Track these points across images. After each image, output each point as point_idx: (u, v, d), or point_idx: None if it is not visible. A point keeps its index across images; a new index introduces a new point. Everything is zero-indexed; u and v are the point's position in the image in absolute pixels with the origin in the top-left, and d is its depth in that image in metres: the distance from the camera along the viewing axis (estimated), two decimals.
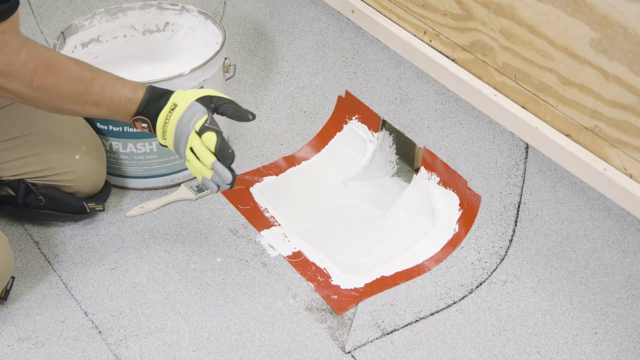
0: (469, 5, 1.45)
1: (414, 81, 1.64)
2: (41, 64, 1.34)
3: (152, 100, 1.41)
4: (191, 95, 1.41)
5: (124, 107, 1.41)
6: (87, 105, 1.40)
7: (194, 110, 1.39)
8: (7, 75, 1.31)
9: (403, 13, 1.60)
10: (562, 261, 1.43)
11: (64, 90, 1.37)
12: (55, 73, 1.36)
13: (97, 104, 1.40)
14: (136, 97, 1.41)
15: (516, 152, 1.47)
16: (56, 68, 1.36)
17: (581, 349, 1.37)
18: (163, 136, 1.42)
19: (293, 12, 1.94)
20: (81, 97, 1.38)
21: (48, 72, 1.35)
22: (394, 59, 1.67)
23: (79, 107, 1.40)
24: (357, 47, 1.77)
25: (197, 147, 1.38)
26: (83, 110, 1.41)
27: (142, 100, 1.41)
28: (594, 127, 1.31)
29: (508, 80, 1.43)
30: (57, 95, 1.37)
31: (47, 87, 1.35)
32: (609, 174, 1.29)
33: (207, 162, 1.37)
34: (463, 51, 1.50)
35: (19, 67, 1.31)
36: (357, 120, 1.79)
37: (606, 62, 1.25)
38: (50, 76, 1.35)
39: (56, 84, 1.36)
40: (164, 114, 1.40)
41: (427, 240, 1.58)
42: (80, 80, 1.38)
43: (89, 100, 1.39)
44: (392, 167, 1.78)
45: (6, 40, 1.29)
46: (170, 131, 1.40)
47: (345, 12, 1.72)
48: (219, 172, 1.36)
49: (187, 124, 1.38)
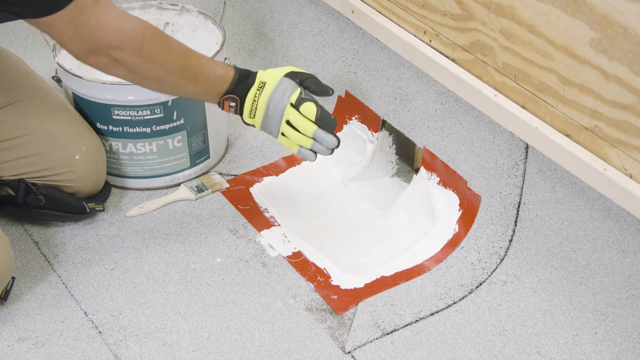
0: (469, 5, 1.45)
1: (414, 81, 1.64)
2: (147, 30, 1.33)
3: (242, 79, 1.44)
4: (278, 72, 1.46)
5: (217, 85, 1.43)
6: (186, 80, 1.39)
7: (285, 85, 1.44)
8: (119, 45, 1.29)
9: (403, 13, 1.60)
10: (562, 261, 1.43)
11: (170, 60, 1.36)
12: (161, 41, 1.35)
13: (194, 80, 1.40)
14: (228, 75, 1.44)
15: (516, 152, 1.47)
16: (161, 36, 1.35)
17: (581, 349, 1.37)
18: (250, 114, 1.45)
19: (293, 12, 1.94)
20: (183, 70, 1.38)
21: (155, 39, 1.34)
22: (394, 59, 1.67)
23: (180, 80, 1.39)
24: (357, 47, 1.77)
25: (296, 118, 1.43)
26: (181, 85, 1.40)
27: (233, 78, 1.44)
28: (594, 127, 1.31)
29: (508, 80, 1.43)
30: (164, 65, 1.36)
31: (156, 55, 1.34)
32: (609, 174, 1.29)
33: (309, 131, 1.43)
34: (463, 51, 1.50)
35: (128, 33, 1.29)
36: (357, 120, 1.79)
37: (606, 62, 1.25)
38: (157, 44, 1.34)
39: (162, 53, 1.35)
40: (253, 92, 1.44)
41: (427, 240, 1.58)
42: (181, 52, 1.38)
43: (188, 75, 1.39)
44: (392, 167, 1.78)
45: (104, 8, 1.27)
46: (260, 108, 1.44)
47: (345, 12, 1.72)
48: (324, 138, 1.44)
49: (282, 99, 1.43)
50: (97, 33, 1.27)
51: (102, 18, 1.27)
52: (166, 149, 1.68)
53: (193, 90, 1.43)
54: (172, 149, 1.68)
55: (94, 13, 1.26)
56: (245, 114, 1.46)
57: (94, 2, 1.26)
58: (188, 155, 1.71)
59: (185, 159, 1.71)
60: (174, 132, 1.67)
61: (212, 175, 1.75)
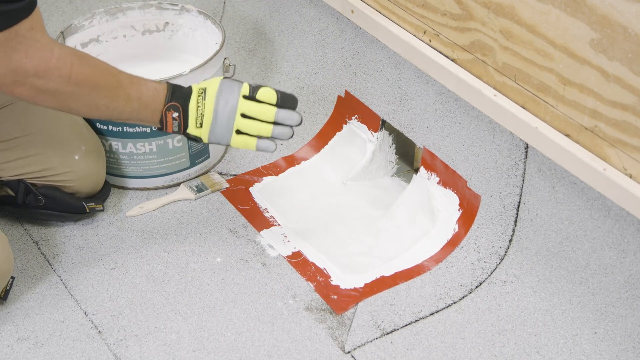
0: (469, 5, 1.45)
1: (414, 81, 1.64)
2: (75, 57, 1.31)
3: (177, 89, 1.41)
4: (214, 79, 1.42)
5: (153, 100, 1.39)
6: (120, 100, 1.36)
7: (228, 83, 1.41)
8: (46, 73, 1.27)
9: (403, 13, 1.60)
10: (562, 261, 1.43)
11: (100, 82, 1.33)
12: (89, 65, 1.33)
13: (128, 98, 1.37)
14: (161, 87, 1.40)
15: (516, 152, 1.47)
16: (89, 60, 1.34)
17: (581, 349, 1.37)
18: (197, 123, 1.40)
19: (293, 12, 1.94)
20: (114, 90, 1.36)
21: (83, 64, 1.32)
22: (394, 59, 1.67)
23: (114, 102, 1.36)
24: (357, 47, 1.77)
25: (254, 107, 1.40)
26: (117, 106, 1.37)
27: (168, 89, 1.40)
28: (594, 127, 1.31)
29: (508, 80, 1.43)
30: (94, 89, 1.33)
31: (85, 80, 1.31)
32: (609, 174, 1.29)
33: (270, 115, 1.40)
34: (463, 51, 1.50)
35: (55, 62, 1.27)
36: (357, 120, 1.79)
37: (606, 62, 1.25)
38: (86, 68, 1.32)
39: (91, 76, 1.32)
40: (194, 99, 1.40)
41: (427, 240, 1.58)
42: (111, 73, 1.36)
43: (121, 95, 1.36)
44: (391, 167, 1.78)
45: (36, 37, 1.26)
46: (208, 112, 1.40)
47: (345, 12, 1.72)
48: (287, 117, 1.40)
49: (231, 94, 1.40)
50: (24, 61, 1.25)
51: (32, 46, 1.25)
52: (166, 148, 1.68)
53: (130, 110, 1.38)
54: (171, 148, 1.68)
55: (26, 40, 1.24)
56: (191, 124, 1.41)
57: (29, 28, 1.25)
58: (188, 155, 1.71)
59: (185, 159, 1.71)
60: None
61: (211, 175, 1.75)
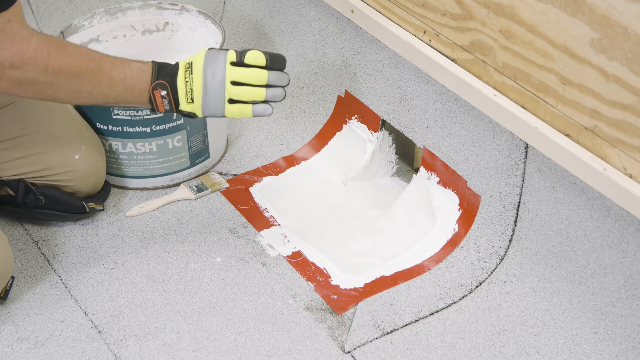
0: (469, 5, 1.45)
1: (414, 81, 1.64)
2: (53, 47, 1.30)
3: (163, 66, 1.39)
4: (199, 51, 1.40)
5: (139, 79, 1.37)
6: (103, 85, 1.35)
7: (214, 53, 1.39)
8: (22, 64, 1.27)
9: (403, 13, 1.60)
10: (562, 261, 1.43)
11: (80, 69, 1.33)
12: (67, 53, 1.32)
13: (112, 82, 1.36)
14: (146, 66, 1.38)
15: (516, 152, 1.47)
16: (67, 48, 1.33)
17: (581, 349, 1.37)
18: (187, 98, 1.38)
19: (293, 12, 1.94)
20: (96, 76, 1.34)
21: (61, 53, 1.31)
22: (394, 59, 1.67)
23: (97, 88, 1.35)
24: (357, 47, 1.77)
25: (244, 73, 1.38)
26: (100, 92, 1.36)
27: (153, 67, 1.38)
28: (594, 127, 1.31)
29: (508, 80, 1.43)
30: (75, 76, 1.33)
31: (64, 68, 1.31)
32: (609, 173, 1.29)
33: (262, 79, 1.38)
34: (463, 51, 1.50)
35: (32, 52, 1.27)
36: (357, 120, 1.79)
37: (606, 62, 1.25)
38: (64, 57, 1.31)
39: (71, 64, 1.32)
40: (182, 73, 1.38)
41: (427, 240, 1.58)
42: (92, 58, 1.35)
43: (104, 79, 1.35)
44: (391, 167, 1.78)
45: (14, 29, 1.26)
46: (197, 85, 1.37)
47: (345, 12, 1.72)
48: (278, 78, 1.39)
49: (218, 63, 1.37)
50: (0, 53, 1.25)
51: (8, 38, 1.25)
52: (166, 148, 1.68)
53: (115, 94, 1.37)
54: (171, 148, 1.68)
55: (2, 32, 1.24)
56: (182, 100, 1.39)
57: (7, 21, 1.25)
58: (188, 155, 1.71)
59: (185, 159, 1.71)
60: (174, 132, 1.66)
61: (211, 175, 1.75)
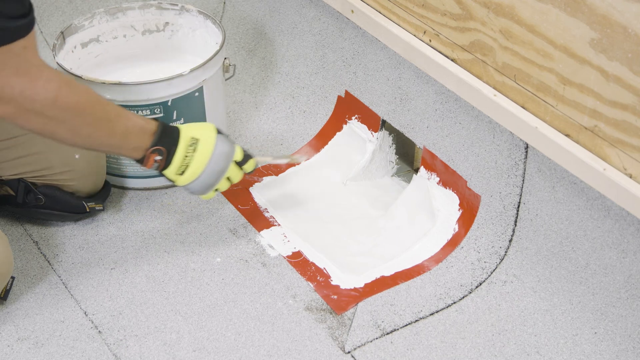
0: (469, 5, 1.45)
1: (414, 81, 1.64)
2: (63, 82, 1.29)
3: (166, 132, 1.41)
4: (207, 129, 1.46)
5: (138, 136, 1.39)
6: (104, 132, 1.36)
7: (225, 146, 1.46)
8: (32, 93, 1.25)
9: (403, 13, 1.60)
10: (562, 261, 1.43)
11: (86, 110, 1.32)
12: (76, 91, 1.31)
13: (112, 132, 1.36)
14: (150, 127, 1.40)
15: (516, 152, 1.47)
16: (77, 86, 1.32)
17: (581, 349, 1.37)
18: (179, 170, 1.42)
19: (293, 12, 1.94)
20: (99, 121, 1.34)
21: (70, 89, 1.30)
22: (394, 59, 1.67)
23: (96, 131, 1.35)
24: (357, 47, 1.77)
25: (236, 173, 1.50)
26: (98, 136, 1.36)
27: (157, 131, 1.40)
28: (594, 127, 1.31)
29: (508, 80, 1.43)
30: (79, 115, 1.31)
31: (71, 105, 1.30)
32: (609, 173, 1.29)
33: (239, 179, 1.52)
34: (463, 51, 1.50)
35: (43, 83, 1.26)
36: (357, 120, 1.79)
37: (606, 62, 1.25)
38: (72, 94, 1.30)
39: (78, 102, 1.31)
40: (183, 148, 1.42)
41: (427, 240, 1.58)
42: (99, 102, 1.35)
43: (105, 127, 1.35)
44: (391, 167, 1.78)
45: (28, 57, 1.24)
46: (196, 167, 1.43)
47: (345, 12, 1.72)
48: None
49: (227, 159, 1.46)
50: (12, 78, 1.23)
51: (22, 65, 1.24)
52: None
53: (110, 143, 1.38)
54: None
55: (17, 58, 1.23)
56: (172, 170, 1.42)
57: (23, 47, 1.23)
58: None
59: None
60: None
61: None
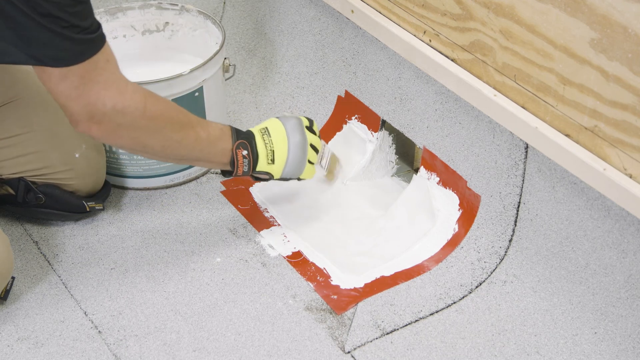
0: (469, 5, 1.45)
1: (414, 81, 1.64)
2: (146, 92, 1.30)
3: (238, 131, 1.46)
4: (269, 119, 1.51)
5: (220, 137, 1.41)
6: (191, 137, 1.36)
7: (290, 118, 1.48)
8: (123, 107, 1.26)
9: (403, 13, 1.60)
10: (562, 261, 1.43)
11: (173, 117, 1.33)
12: (160, 100, 1.32)
13: (198, 136, 1.38)
14: (226, 127, 1.44)
15: (516, 152, 1.48)
16: (157, 96, 1.33)
17: (581, 349, 1.37)
18: (268, 159, 1.45)
19: (293, 12, 1.94)
20: (185, 127, 1.35)
21: (155, 98, 1.31)
22: (394, 59, 1.67)
23: (185, 138, 1.35)
24: (357, 47, 1.77)
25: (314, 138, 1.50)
26: (188, 142, 1.36)
27: (232, 128, 1.44)
28: (594, 127, 1.31)
29: (508, 80, 1.43)
30: (168, 123, 1.32)
31: (159, 113, 1.30)
32: (609, 173, 1.29)
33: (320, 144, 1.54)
34: (463, 51, 1.50)
35: (131, 94, 1.26)
36: (357, 120, 1.79)
37: (606, 62, 1.25)
38: (158, 102, 1.31)
39: (165, 109, 1.32)
40: (259, 137, 1.46)
41: (427, 240, 1.58)
42: (180, 110, 1.36)
43: (191, 132, 1.36)
44: (391, 167, 1.78)
45: (112, 70, 1.24)
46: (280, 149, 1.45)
47: (345, 12, 1.72)
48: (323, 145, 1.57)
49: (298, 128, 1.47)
50: (103, 93, 1.24)
51: (110, 78, 1.24)
52: None
53: (200, 147, 1.39)
54: None
55: (104, 72, 1.24)
56: (262, 161, 1.45)
57: (106, 61, 1.24)
58: None
59: None
60: None
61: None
